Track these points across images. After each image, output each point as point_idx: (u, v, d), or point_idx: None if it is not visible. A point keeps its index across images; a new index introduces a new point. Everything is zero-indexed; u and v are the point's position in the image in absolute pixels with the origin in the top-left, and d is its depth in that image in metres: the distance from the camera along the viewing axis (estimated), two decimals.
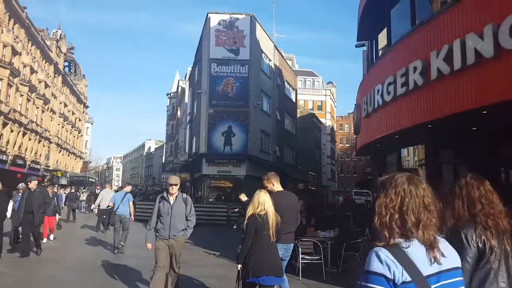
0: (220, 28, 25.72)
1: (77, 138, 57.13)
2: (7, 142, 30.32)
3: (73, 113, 53.46)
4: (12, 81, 30.16)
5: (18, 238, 8.99)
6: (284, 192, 5.03)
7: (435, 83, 6.39)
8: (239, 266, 4.12)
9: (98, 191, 23.63)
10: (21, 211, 8.49)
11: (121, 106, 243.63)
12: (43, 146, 40.43)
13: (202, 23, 28.11)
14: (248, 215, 4.16)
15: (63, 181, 42.82)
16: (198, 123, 26.98)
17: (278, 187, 4.97)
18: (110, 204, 10.28)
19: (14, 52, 30.03)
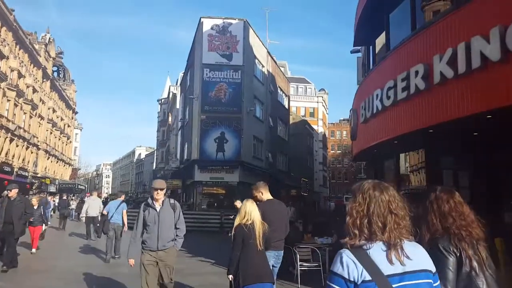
0: (213, 33, 25.59)
1: (66, 145, 56.22)
2: None
3: (62, 119, 52.64)
4: None
5: (3, 249, 8.58)
6: (274, 201, 5.12)
7: (438, 87, 6.28)
8: (231, 277, 4.19)
9: (86, 199, 23.33)
10: (1, 222, 7.89)
11: (111, 112, 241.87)
12: (31, 153, 39.61)
13: (194, 29, 27.99)
14: (235, 226, 4.28)
15: (52, 189, 42.06)
16: (190, 129, 26.70)
17: (267, 196, 5.08)
18: (105, 213, 10.26)
19: (1, 56, 29.45)
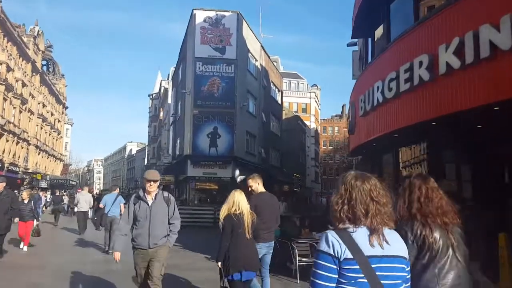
0: (206, 26, 25.13)
1: (57, 140, 55.33)
2: None
3: (52, 114, 51.72)
4: None
5: None
6: (266, 193, 5.28)
7: (443, 78, 6.10)
8: (220, 264, 4.31)
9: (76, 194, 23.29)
10: None
11: (101, 108, 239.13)
12: (22, 148, 38.87)
13: (185, 23, 27.54)
14: (224, 215, 4.34)
15: (43, 184, 41.43)
16: (182, 124, 26.35)
17: (262, 188, 5.26)
18: (101, 206, 10.43)
19: None
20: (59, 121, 56.57)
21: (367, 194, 1.71)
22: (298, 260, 7.16)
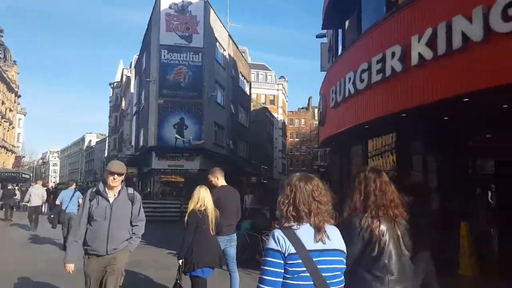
0: (171, 12, 24.24)
1: (8, 131, 51.94)
2: None
3: (3, 103, 48.41)
4: None
5: None
6: (227, 187, 5.30)
7: (416, 69, 6.10)
8: (181, 261, 4.32)
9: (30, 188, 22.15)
10: None
11: (59, 97, 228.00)
12: None
13: (149, 10, 26.44)
14: (189, 211, 4.34)
15: None
16: (147, 114, 25.42)
17: (222, 182, 5.26)
18: (57, 203, 9.91)
19: None
20: (11, 111, 53.11)
21: (310, 195, 1.88)
22: None
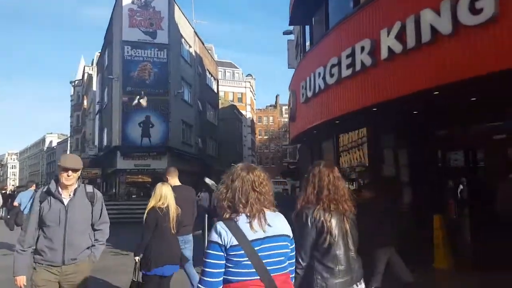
0: (134, 8, 23.42)
1: None
2: None
3: None
4: None
5: None
6: (181, 186, 5.25)
7: (386, 63, 6.08)
8: (137, 259, 4.18)
9: None
10: None
11: (14, 97, 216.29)
12: None
13: (111, 5, 25.44)
14: (149, 208, 4.23)
15: None
16: (110, 113, 24.45)
17: (175, 182, 5.20)
18: (16, 204, 9.44)
19: None
20: None
21: (250, 184, 1.90)
22: None
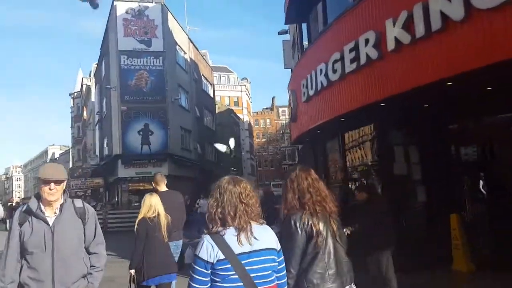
0: (128, 17, 23.40)
1: None
2: None
3: None
4: None
5: None
6: (169, 192, 5.26)
7: (392, 55, 5.79)
8: (132, 271, 4.16)
9: None
10: None
11: (17, 111, 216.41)
12: None
13: (106, 17, 25.28)
14: (138, 219, 4.24)
15: None
16: (110, 122, 24.26)
17: (163, 188, 5.21)
18: None
19: None
20: None
21: (237, 197, 1.91)
22: None
